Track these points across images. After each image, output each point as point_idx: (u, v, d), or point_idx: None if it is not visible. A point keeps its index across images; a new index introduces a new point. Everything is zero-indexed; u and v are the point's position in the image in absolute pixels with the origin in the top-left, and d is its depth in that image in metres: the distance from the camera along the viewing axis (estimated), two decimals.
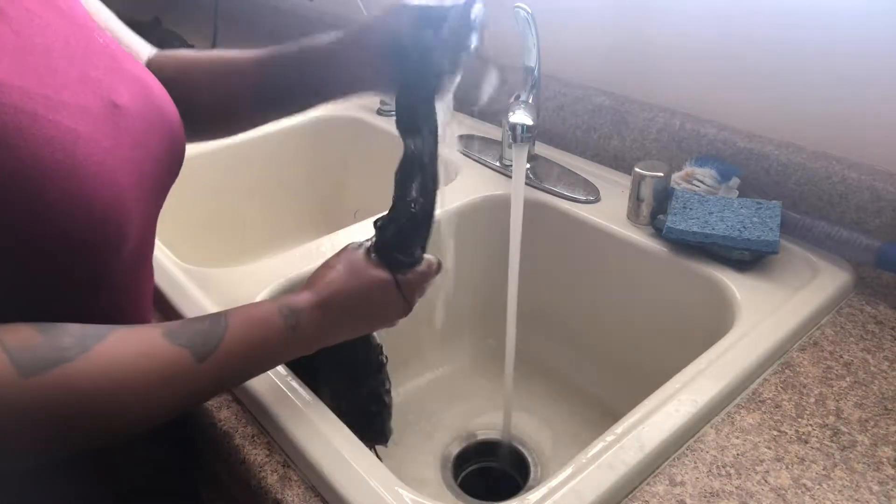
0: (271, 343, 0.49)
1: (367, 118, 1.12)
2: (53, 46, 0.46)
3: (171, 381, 0.43)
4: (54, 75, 0.45)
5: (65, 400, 0.39)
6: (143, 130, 0.50)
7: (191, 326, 0.46)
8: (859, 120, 0.73)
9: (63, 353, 0.39)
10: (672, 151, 0.86)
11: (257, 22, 1.59)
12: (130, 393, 0.41)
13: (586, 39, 0.95)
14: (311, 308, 0.51)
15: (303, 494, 0.51)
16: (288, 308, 0.50)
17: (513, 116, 0.72)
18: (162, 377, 0.43)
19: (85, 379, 0.39)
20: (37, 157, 0.41)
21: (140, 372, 0.42)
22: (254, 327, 0.48)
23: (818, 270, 0.71)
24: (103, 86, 0.48)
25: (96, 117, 0.46)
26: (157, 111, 0.53)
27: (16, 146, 0.40)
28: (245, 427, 0.56)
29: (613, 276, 0.82)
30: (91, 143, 0.44)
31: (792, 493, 0.50)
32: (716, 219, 0.73)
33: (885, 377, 0.60)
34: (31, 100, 0.42)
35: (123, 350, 0.42)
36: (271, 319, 0.49)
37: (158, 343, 0.44)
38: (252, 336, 0.48)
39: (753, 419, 0.56)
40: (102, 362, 0.40)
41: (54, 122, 0.42)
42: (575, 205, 0.85)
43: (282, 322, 0.49)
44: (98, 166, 0.44)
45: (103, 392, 0.40)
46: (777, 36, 0.76)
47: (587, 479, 0.49)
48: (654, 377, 0.62)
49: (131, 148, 0.48)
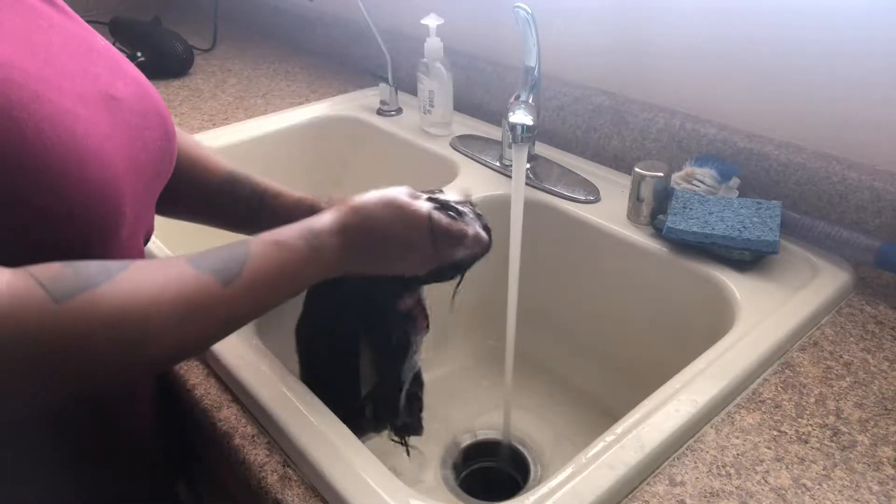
0: (295, 265, 0.49)
1: (367, 118, 1.12)
2: (54, 42, 0.47)
3: (197, 306, 0.43)
4: (54, 66, 0.46)
5: (94, 323, 0.39)
6: (139, 124, 0.52)
7: (214, 253, 0.46)
8: (859, 120, 0.73)
9: (90, 279, 0.39)
10: (672, 151, 0.86)
11: (257, 22, 1.59)
12: (158, 316, 0.41)
13: (586, 39, 0.95)
14: (333, 230, 0.51)
15: (303, 494, 0.51)
16: (310, 231, 0.50)
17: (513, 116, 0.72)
18: (188, 301, 0.43)
19: (112, 302, 0.39)
20: (39, 130, 0.42)
21: (166, 296, 0.42)
22: (276, 250, 0.48)
23: (818, 270, 0.71)
24: (102, 81, 0.49)
25: (94, 104, 0.47)
26: (153, 109, 0.54)
27: (19, 119, 0.41)
28: (245, 427, 0.56)
29: (613, 276, 0.82)
30: (90, 125, 0.45)
31: (792, 493, 0.50)
32: (716, 219, 0.73)
33: (885, 377, 0.60)
34: (33, 80, 0.43)
35: (148, 276, 0.42)
36: (294, 243, 0.49)
37: (182, 269, 0.44)
38: (275, 258, 0.48)
39: (753, 419, 0.56)
40: (128, 287, 0.40)
41: (55, 102, 0.43)
42: (575, 205, 0.85)
43: (304, 244, 0.49)
44: (96, 146, 0.45)
45: (131, 315, 0.40)
46: (777, 36, 0.76)
47: (587, 479, 0.49)
48: (654, 377, 0.62)
49: (127, 137, 0.50)
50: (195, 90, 1.24)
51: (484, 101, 1.09)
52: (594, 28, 0.93)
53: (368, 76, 1.26)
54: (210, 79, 1.30)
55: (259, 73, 1.33)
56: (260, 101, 1.19)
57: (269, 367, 0.60)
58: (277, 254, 0.48)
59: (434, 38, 0.98)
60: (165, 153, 0.56)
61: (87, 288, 0.39)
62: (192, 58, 1.34)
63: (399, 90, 1.12)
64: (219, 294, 0.44)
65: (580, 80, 0.97)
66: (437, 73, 0.99)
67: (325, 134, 1.14)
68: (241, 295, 0.45)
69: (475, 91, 1.10)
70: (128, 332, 0.40)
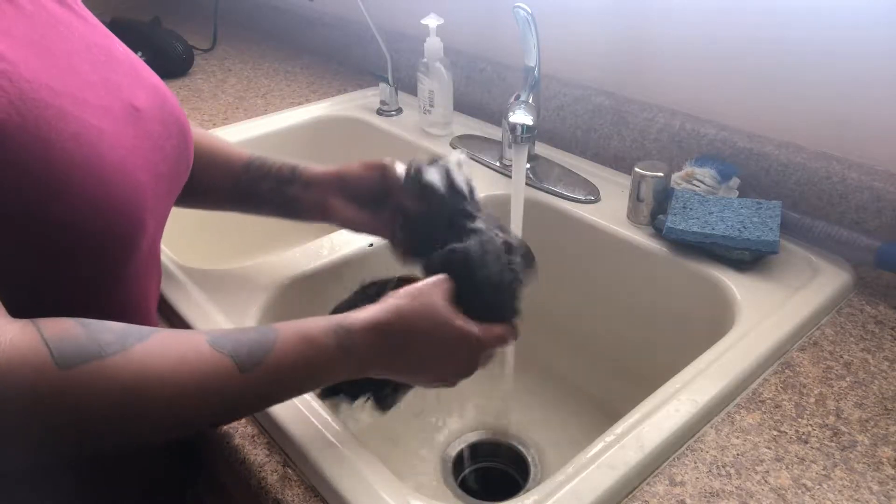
0: (320, 364, 0.46)
1: (367, 118, 1.12)
2: (76, 51, 0.47)
3: (207, 388, 0.41)
4: (77, 77, 0.46)
5: (97, 395, 0.37)
6: (160, 134, 0.52)
7: (237, 335, 0.44)
8: (859, 120, 0.73)
9: (102, 348, 0.38)
10: (672, 151, 0.86)
11: (257, 22, 1.59)
12: (164, 395, 0.40)
13: (586, 39, 0.95)
14: (367, 329, 0.48)
15: (303, 494, 0.51)
16: (342, 327, 0.47)
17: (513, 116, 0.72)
18: (199, 383, 0.41)
19: (120, 376, 0.38)
20: (65, 150, 0.42)
21: (177, 375, 0.40)
22: (305, 346, 0.45)
23: (818, 270, 0.71)
24: (123, 90, 0.50)
25: (118, 118, 0.47)
26: (172, 118, 0.54)
27: (45, 139, 0.41)
28: (245, 427, 0.56)
29: (613, 276, 0.82)
30: (114, 141, 0.45)
31: (792, 493, 0.50)
32: (716, 219, 0.73)
33: (885, 377, 0.60)
34: (59, 96, 0.43)
35: (163, 352, 0.40)
36: (323, 340, 0.46)
37: (201, 348, 0.42)
38: (301, 354, 0.45)
39: (753, 419, 0.56)
40: (140, 362, 0.39)
41: (80, 119, 0.43)
42: (575, 205, 0.85)
43: (334, 343, 0.46)
44: (120, 163, 0.45)
45: (135, 394, 0.39)
46: (777, 36, 0.76)
47: (587, 479, 0.49)
48: (654, 377, 0.62)
49: (149, 150, 0.50)
50: (195, 90, 1.24)
51: (484, 101, 1.09)
52: (594, 28, 0.93)
53: (368, 76, 1.26)
54: (210, 79, 1.30)
55: (259, 73, 1.33)
56: (260, 101, 1.19)
57: None
58: (305, 350, 0.45)
59: (434, 38, 0.98)
60: (183, 161, 0.56)
61: (97, 357, 0.38)
62: (192, 58, 1.34)
63: (399, 90, 1.12)
64: (233, 379, 0.42)
65: (580, 80, 0.97)
66: (437, 73, 0.99)
67: (325, 134, 1.14)
68: (258, 385, 0.43)
69: (475, 91, 1.10)
70: (129, 409, 0.39)
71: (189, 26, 1.48)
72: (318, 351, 0.46)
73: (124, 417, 0.39)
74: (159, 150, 0.51)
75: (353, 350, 0.47)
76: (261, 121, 1.10)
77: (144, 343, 0.40)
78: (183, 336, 0.43)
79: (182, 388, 0.40)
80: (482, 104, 1.10)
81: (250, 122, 1.10)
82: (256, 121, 1.10)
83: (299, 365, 0.45)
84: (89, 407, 0.37)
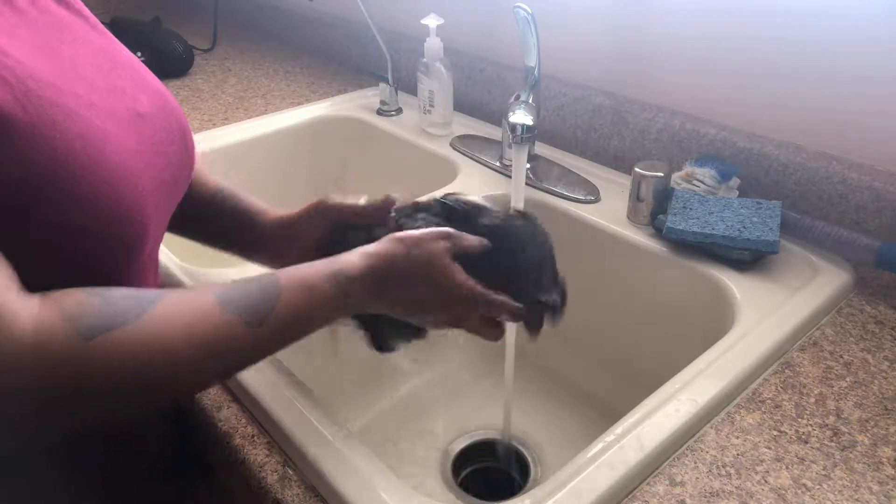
0: (322, 309, 0.48)
1: (367, 118, 1.12)
2: (81, 55, 0.48)
3: (222, 349, 0.43)
4: (82, 80, 0.46)
5: (122, 363, 0.39)
6: (163, 140, 0.52)
7: (243, 292, 0.45)
8: (859, 120, 0.73)
9: (118, 316, 0.39)
10: (672, 151, 0.86)
11: (257, 22, 1.59)
12: (183, 359, 0.41)
13: (586, 39, 0.95)
14: (364, 275, 0.50)
15: (303, 494, 0.51)
16: (340, 273, 0.49)
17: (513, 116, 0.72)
18: (215, 344, 0.43)
19: (141, 343, 0.39)
20: (70, 150, 0.41)
21: (193, 338, 0.42)
22: (307, 293, 0.47)
23: (818, 270, 0.71)
24: (128, 95, 0.50)
25: (122, 122, 0.47)
26: (175, 122, 0.54)
27: (51, 138, 0.41)
28: (245, 427, 0.56)
29: (613, 276, 0.82)
30: (118, 144, 0.45)
31: (792, 493, 0.50)
32: (716, 219, 0.73)
33: (885, 377, 0.60)
34: (64, 95, 0.43)
35: (176, 314, 0.42)
36: (323, 286, 0.48)
37: (210, 309, 0.43)
38: (305, 303, 0.47)
39: (753, 419, 0.56)
40: (156, 327, 0.40)
41: (86, 119, 0.43)
42: (575, 205, 0.85)
43: (334, 289, 0.48)
44: (124, 166, 0.45)
45: (158, 357, 0.40)
46: (777, 36, 0.76)
47: (587, 479, 0.49)
48: (654, 377, 0.62)
49: (153, 155, 0.50)
50: (195, 90, 1.24)
51: (484, 101, 1.09)
52: (594, 28, 0.93)
53: (368, 76, 1.26)
54: (210, 79, 1.30)
55: (259, 73, 1.33)
56: (260, 101, 1.19)
57: (269, 367, 0.59)
58: (308, 297, 0.47)
59: (434, 38, 0.98)
60: (185, 167, 0.56)
61: (117, 326, 0.39)
62: (192, 58, 1.34)
63: (399, 90, 1.12)
64: (245, 336, 0.44)
65: (580, 80, 0.97)
66: (437, 73, 0.99)
67: (325, 134, 1.14)
68: (267, 337, 0.46)
69: (475, 91, 1.10)
70: (154, 373, 0.40)
71: (189, 26, 1.48)
72: (319, 297, 0.48)
73: (145, 381, 0.40)
74: (162, 155, 0.51)
75: (352, 293, 0.49)
76: (261, 121, 1.10)
77: (158, 305, 0.41)
78: (192, 296, 0.44)
79: (198, 348, 0.42)
80: (482, 104, 1.10)
81: (250, 122, 1.10)
82: (256, 121, 1.10)
83: (302, 314, 0.47)
84: (116, 374, 0.39)
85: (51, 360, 0.36)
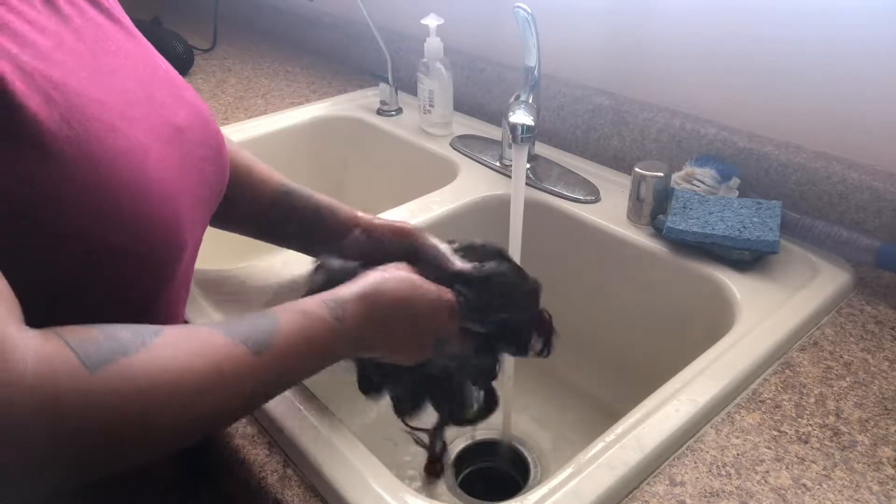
0: (320, 335, 0.47)
1: (367, 118, 1.12)
2: (122, 66, 0.47)
3: (228, 375, 0.42)
4: (124, 93, 0.45)
5: (127, 393, 0.37)
6: (200, 156, 0.51)
7: (243, 321, 0.45)
8: (859, 120, 0.73)
9: (121, 346, 0.38)
10: (672, 151, 0.86)
11: (257, 22, 1.59)
12: (189, 385, 0.40)
13: (586, 39, 0.95)
14: (354, 300, 0.49)
15: (303, 494, 0.51)
16: (333, 300, 0.49)
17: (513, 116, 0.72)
18: (219, 370, 0.41)
19: (145, 372, 0.38)
20: (112, 167, 0.41)
21: (196, 364, 0.40)
22: (302, 319, 0.47)
23: (818, 270, 0.71)
24: (167, 109, 0.49)
25: (162, 137, 0.47)
26: (212, 138, 0.54)
27: (94, 155, 0.40)
28: (245, 427, 0.56)
29: (613, 277, 0.82)
30: (159, 162, 0.45)
31: (792, 493, 0.50)
32: (716, 219, 0.73)
33: (885, 377, 0.60)
34: (107, 111, 0.42)
35: (179, 344, 0.40)
36: (316, 311, 0.47)
37: (213, 337, 0.42)
38: (302, 328, 0.46)
39: (753, 419, 0.56)
40: (161, 356, 0.39)
41: (128, 136, 0.43)
42: (575, 205, 0.85)
43: (327, 313, 0.48)
44: (164, 185, 0.45)
45: (163, 386, 0.38)
46: (777, 36, 0.76)
47: (587, 479, 0.49)
48: (654, 377, 0.62)
49: (190, 172, 0.49)
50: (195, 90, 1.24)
51: (484, 101, 1.09)
52: (594, 28, 0.93)
53: (368, 76, 1.26)
54: (210, 79, 1.30)
55: (259, 73, 1.33)
56: (260, 101, 1.19)
57: None
58: (304, 323, 0.46)
59: (434, 38, 0.98)
60: (218, 184, 0.55)
61: (121, 355, 0.37)
62: (192, 58, 1.34)
63: (399, 90, 1.12)
64: (249, 364, 0.42)
65: (580, 80, 0.97)
66: (437, 73, 0.99)
67: (325, 134, 1.14)
68: (271, 365, 0.44)
69: (475, 91, 1.10)
70: (158, 403, 0.38)
71: (189, 26, 1.48)
72: (315, 322, 0.47)
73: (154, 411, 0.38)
74: (199, 172, 0.50)
75: (345, 319, 0.48)
76: (261, 121, 1.10)
77: (160, 337, 0.40)
78: (193, 329, 0.43)
79: (202, 375, 0.40)
80: (482, 104, 1.10)
81: (250, 122, 1.10)
82: (256, 121, 1.10)
83: (301, 340, 0.46)
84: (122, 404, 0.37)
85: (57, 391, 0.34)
